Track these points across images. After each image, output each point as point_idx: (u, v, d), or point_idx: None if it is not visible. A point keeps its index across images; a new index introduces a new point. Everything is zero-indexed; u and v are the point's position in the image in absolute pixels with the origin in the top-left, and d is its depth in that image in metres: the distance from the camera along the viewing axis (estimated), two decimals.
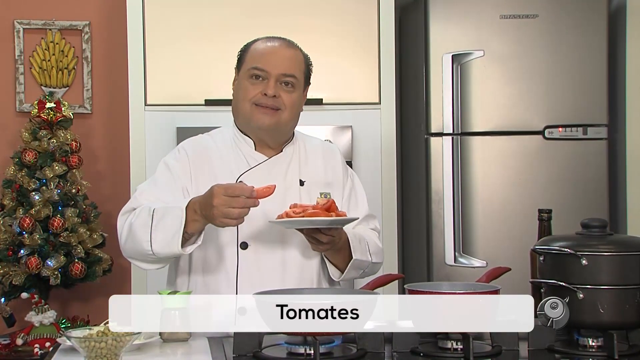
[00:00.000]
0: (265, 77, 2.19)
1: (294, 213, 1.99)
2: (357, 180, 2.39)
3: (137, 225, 2.10)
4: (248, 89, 2.20)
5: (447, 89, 3.43)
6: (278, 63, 2.19)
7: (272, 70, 2.18)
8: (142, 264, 2.16)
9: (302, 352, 1.75)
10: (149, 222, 2.07)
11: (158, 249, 2.06)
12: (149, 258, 2.11)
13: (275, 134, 2.24)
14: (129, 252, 2.16)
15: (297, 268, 2.20)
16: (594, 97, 3.49)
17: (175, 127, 3.36)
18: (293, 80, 2.21)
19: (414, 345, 1.80)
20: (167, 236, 2.03)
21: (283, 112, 2.20)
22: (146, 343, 1.87)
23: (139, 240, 2.08)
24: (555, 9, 3.47)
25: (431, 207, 3.46)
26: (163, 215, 2.06)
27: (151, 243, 2.06)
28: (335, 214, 2.01)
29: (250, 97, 2.19)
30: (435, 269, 3.44)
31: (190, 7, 3.41)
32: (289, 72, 2.20)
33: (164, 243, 2.04)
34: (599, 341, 1.80)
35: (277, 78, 2.18)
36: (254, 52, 2.23)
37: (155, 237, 2.05)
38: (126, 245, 2.14)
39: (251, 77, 2.20)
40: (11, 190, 3.39)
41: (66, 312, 3.64)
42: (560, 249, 1.84)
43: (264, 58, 2.20)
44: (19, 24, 3.76)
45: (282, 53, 2.22)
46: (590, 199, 3.46)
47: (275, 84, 2.18)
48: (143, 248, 2.08)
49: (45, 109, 3.44)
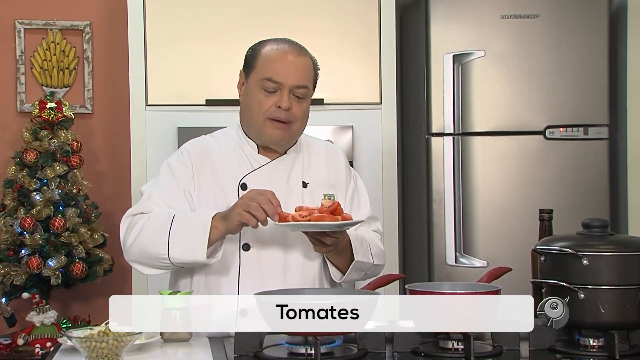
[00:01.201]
0: (278, 88, 2.17)
1: (300, 216, 1.99)
2: (360, 182, 2.39)
3: (151, 229, 2.10)
4: (262, 102, 2.18)
5: (448, 89, 3.43)
6: (291, 74, 2.17)
7: (286, 82, 2.16)
8: (146, 269, 2.16)
9: (303, 352, 1.75)
10: (167, 226, 2.08)
11: (176, 254, 2.07)
12: (159, 263, 2.11)
13: (286, 145, 2.26)
14: (134, 255, 2.15)
15: (298, 269, 2.20)
16: (595, 97, 3.48)
17: (176, 127, 3.36)
18: (305, 92, 2.21)
19: (414, 345, 1.80)
20: (191, 243, 2.05)
21: (294, 124, 2.20)
22: (147, 343, 1.87)
23: (154, 245, 2.08)
24: (556, 9, 3.47)
25: (432, 207, 3.46)
26: (185, 222, 2.08)
27: (168, 247, 2.07)
28: (342, 217, 2.01)
29: (265, 110, 2.17)
30: (436, 269, 3.44)
31: (191, 7, 3.41)
32: (301, 83, 2.19)
33: (185, 249, 2.06)
34: (600, 341, 1.80)
35: (290, 90, 2.17)
36: (265, 59, 2.20)
37: (175, 242, 2.06)
38: (132, 248, 2.14)
39: (264, 88, 2.18)
40: (12, 190, 3.39)
41: (67, 312, 3.64)
42: (561, 249, 1.84)
43: (277, 69, 2.17)
44: (20, 24, 3.76)
45: (294, 63, 2.19)
46: (591, 199, 3.46)
47: (288, 96, 2.17)
48: (157, 252, 2.08)
49: (46, 109, 3.44)
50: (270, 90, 2.17)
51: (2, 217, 3.36)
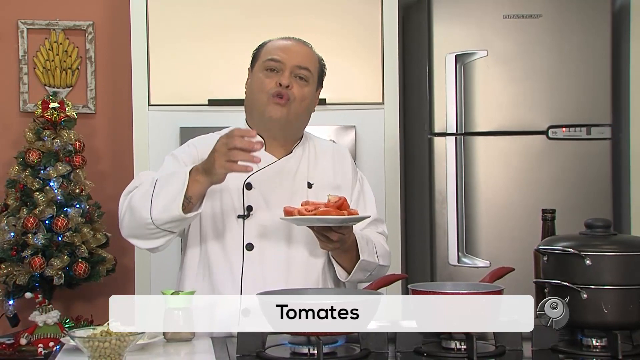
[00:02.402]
0: (280, 68, 2.20)
1: (305, 210, 1.99)
2: (366, 184, 2.38)
3: (137, 197, 2.06)
4: (264, 81, 2.21)
5: (451, 89, 3.43)
6: (293, 55, 2.22)
7: (287, 62, 2.20)
8: (139, 242, 2.10)
9: (305, 352, 1.75)
10: (151, 190, 2.03)
11: (157, 214, 2.00)
12: (147, 230, 2.05)
13: (286, 126, 2.23)
14: (127, 229, 2.10)
15: (302, 269, 2.20)
16: (598, 97, 3.48)
17: (179, 127, 3.36)
18: (307, 74, 2.22)
19: (417, 345, 1.80)
20: (168, 200, 1.99)
21: (293, 104, 2.20)
22: (149, 343, 1.87)
23: (139, 209, 2.03)
24: (558, 8, 3.46)
25: (434, 207, 3.46)
26: (166, 181, 2.03)
27: (151, 210, 2.01)
28: (348, 212, 2.00)
29: (267, 89, 2.19)
30: (438, 269, 3.44)
31: (194, 7, 3.41)
32: (304, 64, 2.22)
33: (163, 207, 1.99)
34: (602, 341, 1.80)
35: (292, 70, 2.20)
36: (269, 47, 2.26)
37: (157, 204, 2.00)
38: (124, 221, 2.09)
39: (266, 69, 2.21)
40: (15, 190, 3.39)
41: (70, 312, 3.64)
42: (564, 249, 1.83)
43: (280, 50, 2.23)
44: (22, 24, 3.77)
45: (297, 48, 2.25)
46: (594, 199, 3.46)
47: (289, 76, 2.19)
48: (142, 217, 2.02)
49: (49, 109, 3.45)
50: (272, 69, 2.20)
51: (5, 217, 3.37)
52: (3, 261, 3.33)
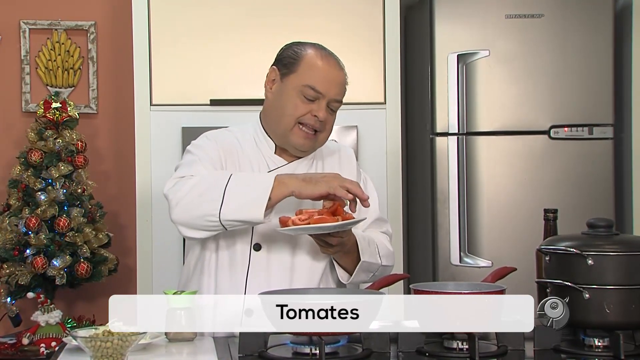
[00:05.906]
0: (317, 98, 2.17)
1: (299, 220, 1.98)
2: (370, 185, 2.39)
3: (204, 186, 2.04)
4: (298, 107, 2.16)
5: (453, 89, 3.43)
6: (333, 87, 2.18)
7: (327, 94, 2.17)
8: (189, 230, 2.07)
9: (307, 352, 1.75)
10: (223, 183, 2.02)
11: (228, 212, 2.00)
12: (205, 222, 2.03)
13: (308, 153, 2.26)
14: (179, 215, 2.06)
15: (305, 270, 2.20)
16: (600, 96, 3.48)
17: (181, 127, 3.36)
18: (339, 105, 2.22)
19: (419, 345, 1.80)
20: (247, 201, 1.99)
21: (321, 134, 2.20)
22: (152, 343, 1.87)
23: (205, 200, 2.01)
24: (560, 8, 3.46)
25: (436, 207, 3.46)
26: (244, 179, 2.04)
27: (221, 206, 2.00)
28: (342, 217, 2.00)
29: (299, 115, 2.16)
30: (440, 269, 3.44)
31: (196, 7, 3.41)
32: (339, 97, 2.21)
33: (239, 207, 1.99)
34: (604, 341, 1.80)
35: (328, 102, 2.18)
36: (309, 67, 2.19)
37: (229, 201, 2.00)
38: (178, 206, 2.05)
39: (303, 94, 2.17)
40: (17, 190, 3.39)
41: (72, 312, 3.64)
42: (566, 248, 1.83)
43: (322, 80, 2.17)
44: (24, 24, 3.77)
45: (338, 78, 2.20)
46: (596, 199, 3.46)
47: (326, 108, 2.18)
48: (207, 210, 2.01)
49: (51, 109, 3.44)
50: (309, 98, 2.16)
51: (7, 217, 3.37)
52: (5, 261, 3.33)
